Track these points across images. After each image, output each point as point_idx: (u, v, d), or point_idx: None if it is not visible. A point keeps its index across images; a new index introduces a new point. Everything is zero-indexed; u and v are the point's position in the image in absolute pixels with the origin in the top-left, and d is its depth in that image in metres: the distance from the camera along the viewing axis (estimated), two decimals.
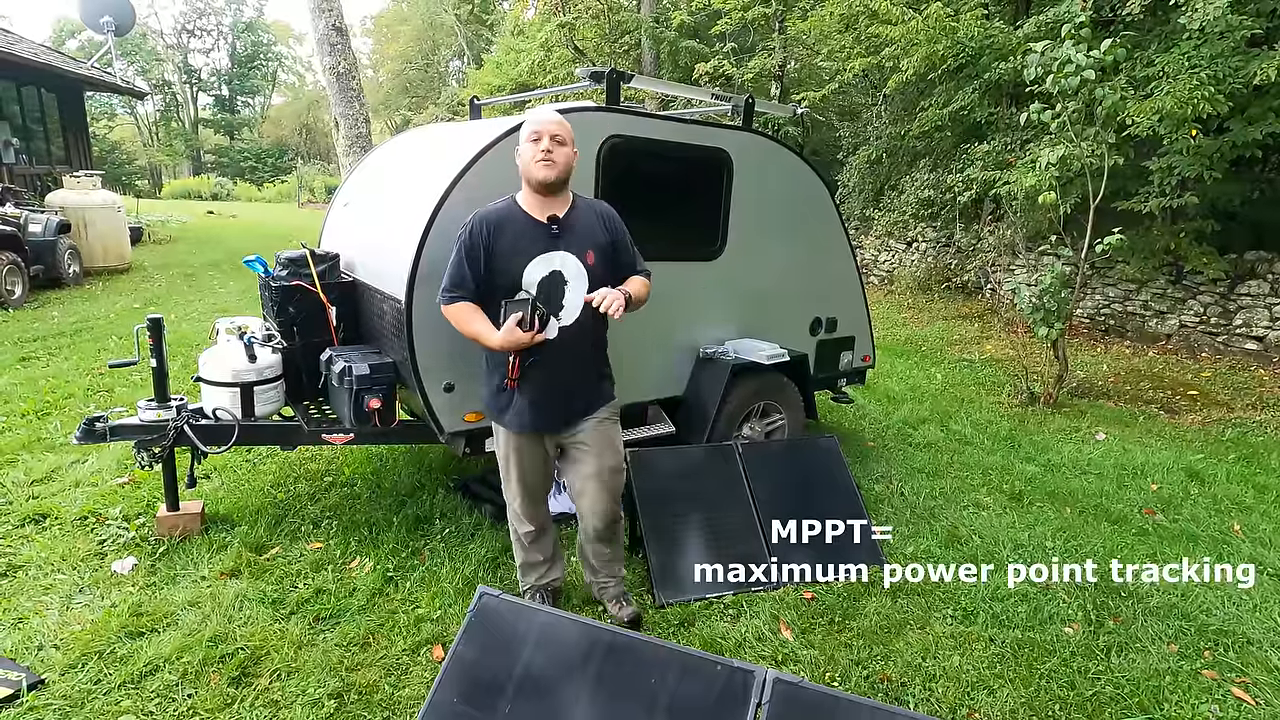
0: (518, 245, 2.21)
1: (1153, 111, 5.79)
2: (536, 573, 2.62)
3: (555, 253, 2.22)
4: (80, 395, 4.80)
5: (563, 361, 2.27)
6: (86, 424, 2.85)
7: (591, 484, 2.42)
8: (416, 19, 36.88)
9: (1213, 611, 2.85)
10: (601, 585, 2.66)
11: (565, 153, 2.21)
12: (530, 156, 2.20)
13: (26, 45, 12.79)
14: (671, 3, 16.07)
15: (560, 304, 2.25)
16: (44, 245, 8.37)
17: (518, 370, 2.23)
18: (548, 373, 2.25)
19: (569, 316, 2.26)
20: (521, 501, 2.48)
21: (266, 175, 38.81)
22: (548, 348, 2.22)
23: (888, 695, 2.35)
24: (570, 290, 2.25)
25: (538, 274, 2.21)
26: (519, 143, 2.25)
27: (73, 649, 2.34)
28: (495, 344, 2.16)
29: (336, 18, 8.28)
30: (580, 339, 2.29)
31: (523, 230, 2.23)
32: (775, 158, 3.80)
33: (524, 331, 2.11)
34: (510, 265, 2.20)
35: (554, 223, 2.23)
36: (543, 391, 2.27)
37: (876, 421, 5.09)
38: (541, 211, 2.24)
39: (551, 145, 2.18)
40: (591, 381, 2.39)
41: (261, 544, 3.03)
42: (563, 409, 2.34)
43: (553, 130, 2.19)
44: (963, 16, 8.49)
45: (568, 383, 2.31)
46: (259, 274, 3.40)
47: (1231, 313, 7.17)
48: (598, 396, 2.41)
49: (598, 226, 2.32)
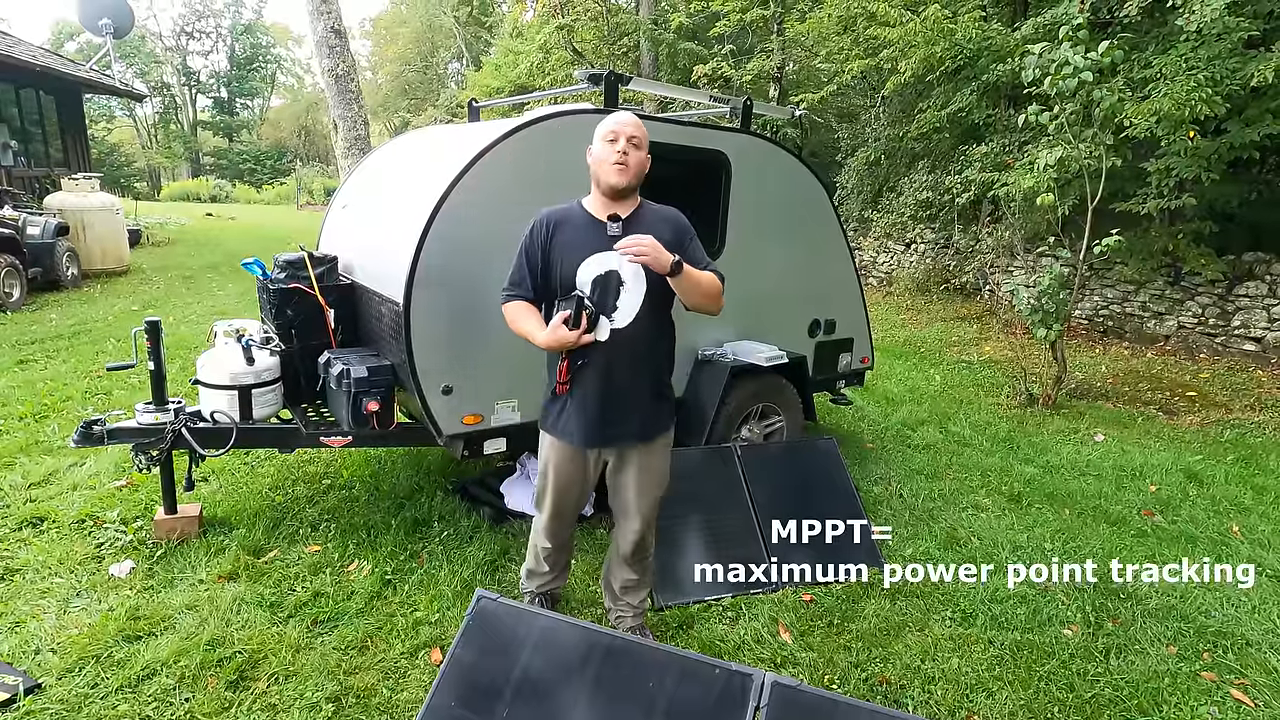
0: (573, 243, 2.14)
1: (1150, 113, 5.80)
2: (539, 580, 2.59)
3: (613, 252, 2.09)
4: (78, 398, 4.79)
5: (615, 367, 2.15)
6: (84, 427, 2.84)
7: (631, 509, 2.34)
8: (415, 21, 36.89)
9: (1211, 613, 2.85)
10: (619, 615, 2.53)
11: (640, 157, 2.12)
12: (604, 157, 2.10)
13: (25, 47, 12.78)
14: (670, 5, 16.10)
15: (614, 305, 2.13)
16: (42, 248, 8.36)
17: (567, 373, 2.14)
18: (599, 377, 2.14)
19: (623, 319, 2.13)
20: (549, 516, 2.37)
21: (265, 177, 38.78)
22: (598, 350, 2.12)
23: (887, 698, 2.35)
24: (627, 292, 2.13)
25: (591, 272, 2.11)
26: (592, 140, 2.16)
27: (70, 653, 2.33)
28: (541, 342, 2.09)
29: (335, 20, 8.28)
30: (636, 344, 2.15)
31: (580, 228, 2.15)
32: (773, 159, 3.80)
33: (570, 330, 2.04)
34: (565, 264, 2.13)
35: (615, 221, 2.14)
36: (594, 399, 2.16)
37: (875, 423, 5.09)
38: (603, 212, 2.16)
39: (628, 148, 2.09)
40: (648, 398, 2.24)
41: (259, 547, 3.02)
42: (614, 422, 2.19)
43: (630, 132, 2.09)
44: (961, 18, 8.51)
45: (621, 392, 2.17)
46: (257, 276, 3.40)
47: (1230, 314, 7.17)
48: (655, 422, 2.27)
49: (663, 230, 2.16)
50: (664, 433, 2.32)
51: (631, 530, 2.37)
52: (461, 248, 2.84)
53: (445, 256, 2.80)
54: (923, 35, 8.56)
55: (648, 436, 2.27)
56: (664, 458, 2.34)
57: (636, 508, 2.33)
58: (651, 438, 2.28)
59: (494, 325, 2.94)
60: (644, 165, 2.15)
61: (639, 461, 2.28)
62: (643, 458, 2.28)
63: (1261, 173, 7.29)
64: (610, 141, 2.10)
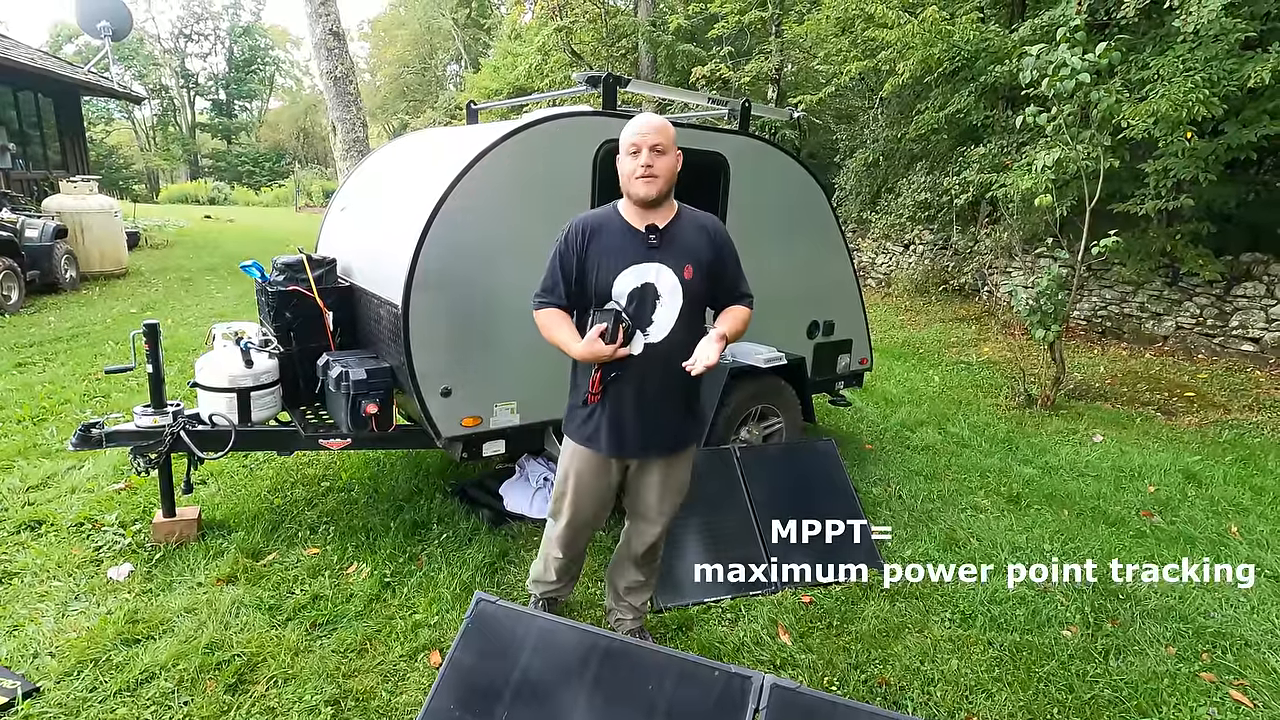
0: (611, 253, 2.08)
1: (1148, 114, 5.81)
2: (544, 588, 2.55)
3: (650, 264, 2.07)
4: (76, 401, 4.79)
5: (649, 381, 2.12)
6: (82, 430, 2.84)
7: (651, 514, 2.32)
8: (414, 23, 36.90)
9: (1210, 614, 2.85)
10: (619, 617, 2.52)
11: (667, 163, 2.05)
12: (630, 172, 2.04)
13: (23, 50, 12.77)
14: (669, 6, 16.12)
15: (649, 319, 2.09)
16: (40, 250, 8.35)
17: (599, 385, 2.10)
18: (632, 391, 2.12)
19: (658, 333, 2.09)
20: (565, 524, 2.32)
21: (264, 179, 38.77)
22: (632, 364, 2.09)
23: (886, 699, 2.35)
24: (663, 306, 2.09)
25: (628, 285, 2.07)
26: (619, 153, 2.09)
27: (68, 656, 2.33)
28: (577, 354, 2.06)
29: (333, 22, 8.29)
30: (670, 359, 2.09)
31: (618, 238, 2.09)
32: (772, 161, 3.81)
33: (606, 344, 2.01)
34: (601, 274, 2.08)
35: (652, 232, 2.08)
36: (625, 411, 2.13)
37: (874, 424, 5.09)
38: (640, 221, 2.10)
39: (652, 159, 2.02)
40: (679, 411, 2.22)
41: (258, 550, 3.02)
42: (644, 435, 2.17)
43: (653, 140, 2.02)
44: (958, 20, 8.53)
45: (653, 405, 2.14)
46: (255, 279, 3.39)
47: (1228, 314, 7.19)
48: (684, 435, 2.26)
49: (701, 241, 2.13)
50: (693, 444, 2.31)
51: (647, 533, 2.36)
52: (460, 250, 2.84)
53: (444, 259, 2.80)
54: (920, 37, 8.58)
55: (676, 448, 2.25)
56: (688, 467, 2.33)
57: (658, 512, 2.32)
58: (680, 449, 2.27)
59: (493, 327, 2.96)
60: (674, 169, 2.08)
61: (663, 470, 2.26)
62: (668, 467, 2.27)
63: (1259, 173, 7.30)
64: (633, 154, 2.04)
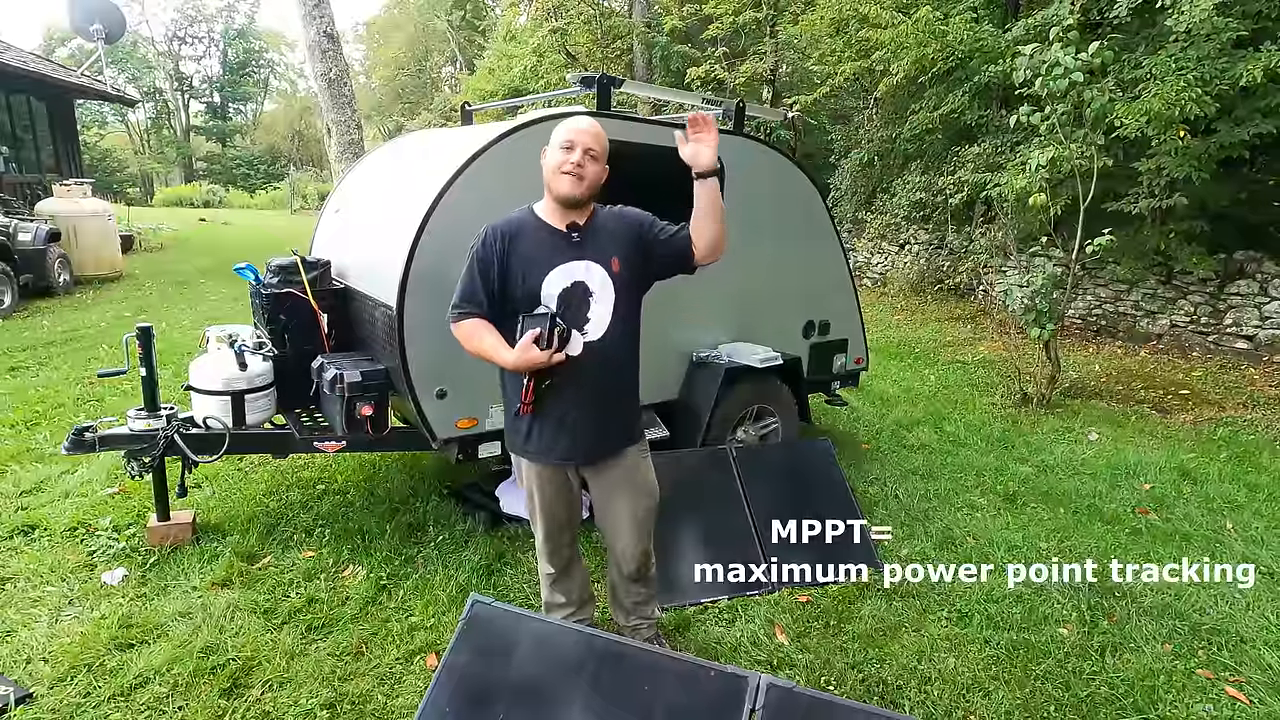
0: (535, 255, 2.02)
1: (1141, 113, 5.83)
2: (563, 613, 2.39)
3: (579, 262, 2.02)
4: (70, 405, 4.77)
5: (587, 382, 2.05)
6: (76, 434, 2.83)
7: (625, 525, 2.24)
8: (409, 25, 36.89)
9: (1206, 611, 2.86)
10: (634, 629, 2.45)
11: (596, 170, 2.01)
12: (557, 165, 1.99)
13: (15, 53, 12.73)
14: (663, 8, 16.13)
15: (585, 317, 2.04)
16: (34, 254, 8.33)
17: (532, 394, 2.00)
18: (571, 394, 2.04)
19: (595, 331, 2.05)
20: (544, 538, 2.28)
21: (259, 182, 38.64)
22: (569, 367, 2.00)
23: (883, 699, 2.34)
24: (596, 302, 2.04)
25: (558, 285, 2.01)
26: (549, 144, 2.04)
27: (62, 662, 2.31)
28: (509, 363, 1.97)
29: (328, 24, 8.28)
30: (607, 357, 2.07)
31: (540, 239, 2.04)
32: (767, 162, 3.81)
33: (541, 350, 1.91)
34: (528, 277, 2.01)
35: (574, 230, 2.04)
36: (569, 414, 2.06)
37: (870, 424, 5.10)
38: (561, 220, 2.05)
39: (584, 159, 1.97)
40: (621, 409, 2.18)
41: (253, 553, 3.01)
42: (588, 438, 2.11)
43: (588, 143, 1.99)
44: (952, 20, 8.54)
45: (594, 406, 2.09)
46: (250, 281, 3.38)
47: (1222, 312, 7.21)
48: (627, 435, 2.20)
49: (619, 227, 2.10)
50: (639, 440, 2.25)
51: (628, 550, 2.27)
52: (455, 251, 2.81)
53: (439, 260, 2.79)
54: (914, 37, 8.60)
55: (623, 446, 2.19)
56: (649, 466, 2.27)
57: (630, 522, 2.23)
58: (632, 444, 2.21)
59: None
60: (599, 179, 2.04)
61: (620, 475, 2.20)
62: (623, 470, 2.20)
63: (1252, 171, 7.34)
64: (566, 149, 1.98)
